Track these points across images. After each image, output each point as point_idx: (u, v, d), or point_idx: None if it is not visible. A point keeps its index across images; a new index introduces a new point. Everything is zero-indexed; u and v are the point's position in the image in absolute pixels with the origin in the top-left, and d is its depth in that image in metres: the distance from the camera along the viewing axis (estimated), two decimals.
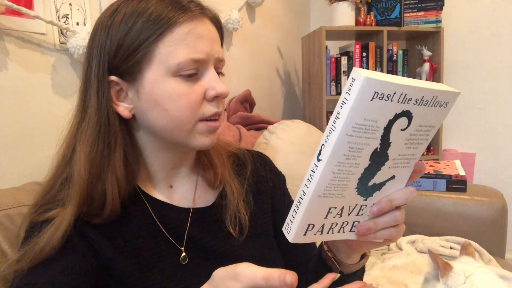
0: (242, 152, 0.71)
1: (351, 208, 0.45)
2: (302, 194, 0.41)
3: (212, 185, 0.63)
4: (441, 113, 0.40)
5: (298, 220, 0.42)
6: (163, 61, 0.51)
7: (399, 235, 0.48)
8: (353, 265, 0.57)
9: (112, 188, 0.52)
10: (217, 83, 0.54)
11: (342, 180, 0.41)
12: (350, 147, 0.38)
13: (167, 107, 0.52)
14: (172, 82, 0.51)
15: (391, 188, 0.45)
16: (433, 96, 0.38)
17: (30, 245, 0.49)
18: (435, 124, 0.41)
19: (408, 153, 0.42)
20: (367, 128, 0.37)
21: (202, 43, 0.52)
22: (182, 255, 0.56)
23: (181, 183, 0.62)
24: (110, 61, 0.52)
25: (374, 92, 0.34)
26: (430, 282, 0.95)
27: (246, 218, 0.62)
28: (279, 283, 0.32)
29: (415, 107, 0.38)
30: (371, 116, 0.36)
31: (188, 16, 0.51)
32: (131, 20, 0.51)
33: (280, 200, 0.70)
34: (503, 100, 2.22)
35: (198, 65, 0.52)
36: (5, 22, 0.82)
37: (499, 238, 1.31)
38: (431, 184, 1.41)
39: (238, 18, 1.52)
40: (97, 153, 0.52)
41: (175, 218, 0.58)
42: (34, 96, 0.89)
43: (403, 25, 1.99)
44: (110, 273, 0.52)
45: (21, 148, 0.87)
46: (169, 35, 0.50)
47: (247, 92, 1.61)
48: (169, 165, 0.60)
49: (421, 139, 0.42)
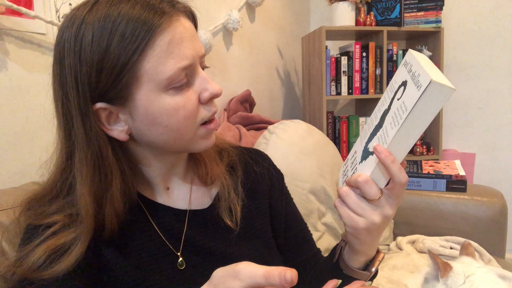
0: (231, 149, 0.69)
1: (354, 164, 0.52)
2: None
3: (205, 181, 0.63)
4: (415, 95, 0.41)
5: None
6: (151, 79, 0.47)
7: (343, 215, 0.50)
8: (352, 269, 0.57)
9: (111, 215, 0.51)
10: (208, 83, 0.52)
11: (368, 127, 0.52)
12: (381, 101, 0.50)
13: (166, 124, 0.50)
14: (167, 98, 0.49)
15: (367, 167, 0.48)
16: (418, 72, 0.42)
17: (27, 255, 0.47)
18: (408, 107, 0.42)
19: (388, 129, 0.45)
20: (391, 87, 0.49)
21: (185, 47, 0.49)
22: (179, 260, 0.56)
23: (177, 184, 0.62)
24: (92, 90, 0.47)
25: (405, 60, 0.48)
26: (430, 282, 0.95)
27: (238, 208, 0.62)
28: (279, 281, 0.32)
29: (410, 79, 0.44)
30: (396, 78, 0.49)
31: (164, 20, 0.47)
32: (104, 41, 0.45)
33: (278, 200, 0.70)
34: (503, 100, 2.22)
35: (187, 71, 0.50)
36: (5, 22, 0.82)
37: (499, 238, 1.31)
38: (431, 184, 1.41)
39: (238, 18, 1.52)
40: (97, 187, 0.50)
41: (172, 220, 0.58)
42: (34, 96, 0.89)
43: (403, 25, 1.99)
44: (110, 274, 0.52)
45: (21, 148, 0.87)
46: (150, 50, 0.46)
47: (247, 92, 1.61)
48: (166, 168, 0.59)
49: (397, 120, 0.43)
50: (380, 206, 0.48)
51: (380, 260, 0.58)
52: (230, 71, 1.67)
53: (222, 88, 0.54)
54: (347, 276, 0.58)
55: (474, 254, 1.00)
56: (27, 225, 0.52)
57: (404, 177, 0.45)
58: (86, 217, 0.48)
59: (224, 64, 1.64)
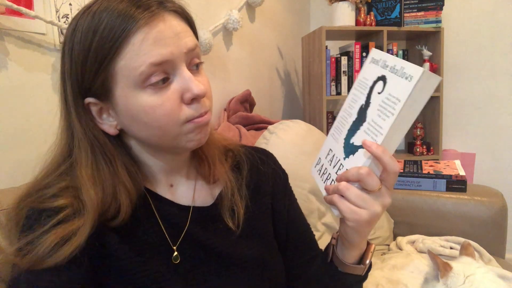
0: (239, 148, 0.70)
1: (335, 161, 0.52)
2: None
3: (208, 180, 0.63)
4: (406, 87, 0.44)
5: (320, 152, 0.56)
6: (126, 76, 0.49)
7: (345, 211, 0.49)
8: (347, 265, 0.58)
9: (126, 199, 0.52)
10: (190, 83, 0.50)
11: (342, 124, 0.53)
12: (352, 98, 0.53)
13: (145, 121, 0.50)
14: (143, 95, 0.49)
15: (360, 160, 0.49)
16: (401, 66, 0.46)
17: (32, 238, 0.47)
18: (401, 98, 0.44)
19: (378, 122, 0.47)
20: (363, 84, 0.52)
21: (162, 44, 0.48)
22: (174, 255, 0.56)
23: (180, 182, 0.62)
24: (79, 85, 0.51)
25: (372, 57, 0.52)
26: (430, 282, 0.95)
27: (241, 210, 0.62)
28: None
29: (389, 74, 0.47)
30: (366, 74, 0.51)
31: (143, 18, 0.48)
32: (88, 39, 0.48)
33: (280, 200, 0.70)
34: (503, 100, 2.22)
35: (164, 68, 0.49)
36: (5, 22, 0.82)
37: (499, 238, 1.31)
38: (431, 184, 1.41)
39: (238, 18, 1.52)
40: (104, 173, 0.52)
41: (175, 215, 0.59)
42: (34, 96, 0.89)
43: (403, 25, 1.99)
44: (114, 265, 0.52)
45: (21, 148, 0.87)
46: (125, 48, 0.47)
47: (247, 92, 1.62)
48: (168, 166, 0.60)
49: (388, 111, 0.46)
50: (380, 196, 0.49)
51: (372, 252, 0.58)
52: (230, 71, 1.67)
53: (222, 88, 0.53)
54: (343, 273, 0.58)
55: (474, 254, 1.00)
56: (27, 210, 0.51)
57: (396, 166, 0.47)
58: (90, 204, 0.49)
59: (224, 64, 1.64)
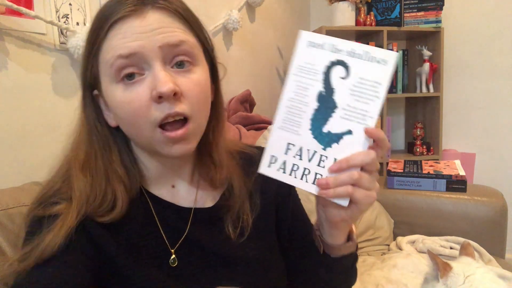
0: (252, 149, 0.69)
1: (310, 153, 0.51)
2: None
3: (214, 185, 0.62)
4: (383, 70, 0.47)
5: (265, 150, 0.51)
6: (104, 69, 0.51)
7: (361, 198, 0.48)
8: (339, 246, 0.58)
9: (120, 190, 0.53)
10: (157, 81, 0.48)
11: (295, 115, 0.51)
12: (297, 85, 0.50)
13: (120, 116, 0.51)
14: (118, 90, 0.50)
15: (352, 146, 0.49)
16: (363, 50, 0.48)
17: (33, 244, 0.48)
18: (381, 81, 0.47)
19: (359, 106, 0.48)
20: (308, 69, 0.50)
21: (131, 38, 0.48)
22: (172, 258, 0.56)
23: (182, 184, 0.62)
24: (85, 77, 0.54)
25: (308, 41, 0.50)
26: (430, 282, 0.95)
27: (249, 220, 0.61)
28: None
29: (349, 59, 0.48)
30: (309, 59, 0.50)
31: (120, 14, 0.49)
32: (89, 35, 0.52)
33: (285, 202, 0.69)
34: (503, 100, 2.22)
35: (135, 62, 0.49)
36: (5, 22, 0.82)
37: (499, 238, 1.31)
38: (431, 184, 1.41)
39: (238, 18, 1.52)
40: (96, 157, 0.54)
41: (175, 217, 0.58)
42: (34, 96, 0.89)
43: (403, 25, 1.99)
44: (113, 269, 0.52)
45: (21, 148, 0.87)
46: (105, 43, 0.50)
47: (247, 92, 1.61)
48: (166, 168, 0.59)
49: (370, 94, 0.48)
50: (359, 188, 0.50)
51: (355, 226, 0.59)
52: (230, 71, 1.66)
53: (222, 88, 0.53)
54: (338, 259, 0.58)
55: (473, 254, 1.01)
56: (32, 217, 0.52)
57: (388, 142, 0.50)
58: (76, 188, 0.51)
59: (224, 64, 1.63)
